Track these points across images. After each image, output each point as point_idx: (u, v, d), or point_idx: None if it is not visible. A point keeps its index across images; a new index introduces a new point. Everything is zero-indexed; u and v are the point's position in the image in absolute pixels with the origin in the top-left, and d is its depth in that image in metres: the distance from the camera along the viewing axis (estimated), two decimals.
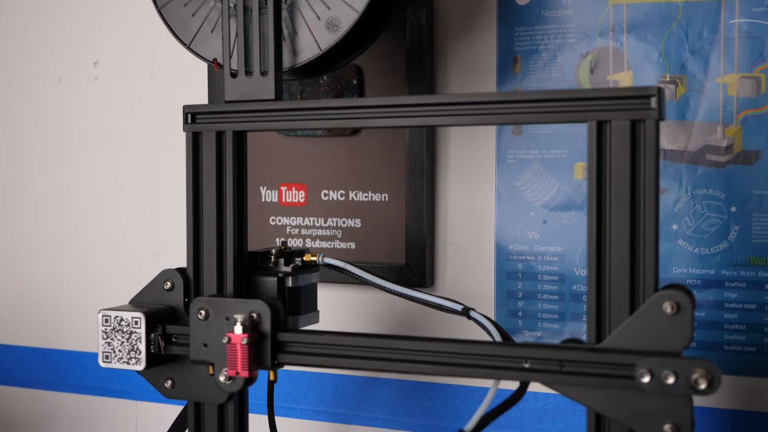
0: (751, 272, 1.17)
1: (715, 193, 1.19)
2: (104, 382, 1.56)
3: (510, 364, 0.89)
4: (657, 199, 0.86)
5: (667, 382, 0.82)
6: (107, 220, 1.56)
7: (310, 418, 1.42)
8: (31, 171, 1.62)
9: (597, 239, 0.88)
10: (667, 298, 0.84)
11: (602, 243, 0.88)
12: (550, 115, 0.90)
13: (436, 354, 0.92)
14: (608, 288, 0.88)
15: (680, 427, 0.84)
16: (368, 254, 1.35)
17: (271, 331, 0.97)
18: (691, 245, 1.20)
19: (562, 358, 0.87)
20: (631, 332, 0.86)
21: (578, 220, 1.25)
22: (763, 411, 1.18)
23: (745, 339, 1.18)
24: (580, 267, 1.25)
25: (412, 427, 1.36)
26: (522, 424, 1.29)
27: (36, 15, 1.60)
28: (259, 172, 1.42)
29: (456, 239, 1.32)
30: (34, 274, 1.62)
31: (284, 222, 1.41)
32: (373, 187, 1.35)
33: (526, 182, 1.28)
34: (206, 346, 1.00)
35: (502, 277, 1.30)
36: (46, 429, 1.62)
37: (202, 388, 1.03)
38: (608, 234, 0.88)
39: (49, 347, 1.61)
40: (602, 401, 0.87)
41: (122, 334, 1.02)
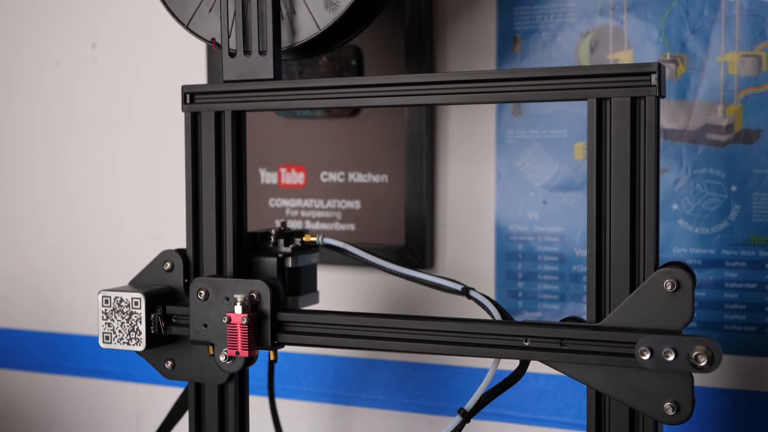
0: (751, 252, 1.17)
1: (715, 172, 1.18)
2: (104, 365, 1.56)
3: (510, 343, 0.89)
4: (657, 177, 0.86)
5: (667, 359, 0.82)
6: (106, 204, 1.56)
7: (310, 400, 1.42)
8: (30, 154, 1.62)
9: (597, 217, 0.88)
10: (667, 276, 0.84)
11: (602, 220, 0.88)
12: (549, 92, 0.90)
13: (437, 333, 0.92)
14: (608, 266, 0.88)
15: (680, 405, 0.84)
16: (368, 235, 1.35)
17: (271, 311, 0.97)
18: (691, 225, 1.20)
19: (562, 336, 0.87)
20: (631, 310, 0.86)
21: (578, 201, 1.25)
22: (763, 390, 1.18)
23: (745, 318, 1.18)
24: (580, 247, 1.25)
25: (413, 408, 1.36)
26: (522, 405, 1.30)
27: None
28: (258, 154, 1.41)
29: (456, 220, 1.32)
30: (34, 258, 1.62)
31: (284, 204, 1.41)
32: (372, 169, 1.35)
33: (525, 162, 1.28)
34: (206, 327, 0.99)
35: (502, 258, 1.29)
36: (47, 412, 1.63)
37: (203, 368, 1.03)
38: (608, 212, 0.88)
39: (49, 331, 1.61)
40: (602, 379, 0.87)
41: (122, 314, 1.02)
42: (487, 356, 0.90)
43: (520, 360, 0.93)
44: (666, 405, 0.84)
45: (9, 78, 1.62)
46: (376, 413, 1.38)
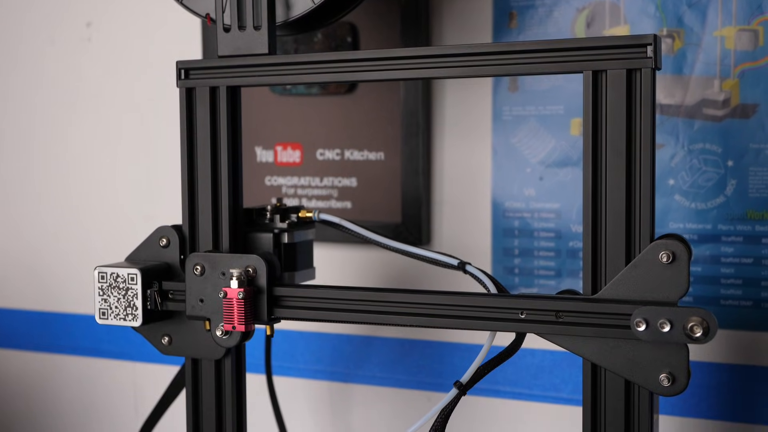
0: (747, 226, 1.17)
1: (711, 147, 1.18)
2: (101, 343, 1.57)
3: (506, 316, 0.89)
4: (653, 148, 0.86)
5: (662, 330, 0.82)
6: (103, 183, 1.55)
7: (308, 377, 1.43)
8: (25, 133, 1.61)
9: (592, 189, 0.88)
10: (663, 248, 0.84)
11: (598, 192, 0.87)
12: (545, 65, 0.89)
13: (433, 306, 0.92)
14: (604, 238, 0.87)
15: (676, 376, 0.84)
16: (364, 213, 1.35)
17: (267, 286, 0.97)
18: (687, 200, 1.20)
19: (558, 309, 0.87)
20: (626, 282, 0.86)
21: (574, 177, 1.24)
22: (759, 365, 1.18)
23: (741, 293, 1.18)
24: (576, 223, 1.25)
25: (410, 384, 1.36)
26: (518, 380, 1.30)
27: None
28: (254, 132, 1.41)
29: (452, 197, 1.32)
30: (30, 237, 1.62)
31: (280, 182, 1.41)
32: (368, 146, 1.35)
33: (522, 139, 1.28)
34: (202, 302, 0.99)
35: (498, 235, 1.29)
36: (44, 391, 1.63)
37: (199, 344, 1.03)
38: (604, 184, 0.88)
39: (46, 310, 1.61)
40: (598, 351, 0.87)
41: (118, 290, 1.02)
42: (483, 329, 0.90)
43: (516, 333, 0.93)
44: (661, 376, 0.84)
45: (3, 56, 1.62)
46: (374, 390, 1.38)
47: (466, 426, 1.33)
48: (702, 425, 1.21)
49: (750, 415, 1.19)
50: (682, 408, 1.21)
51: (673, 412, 1.22)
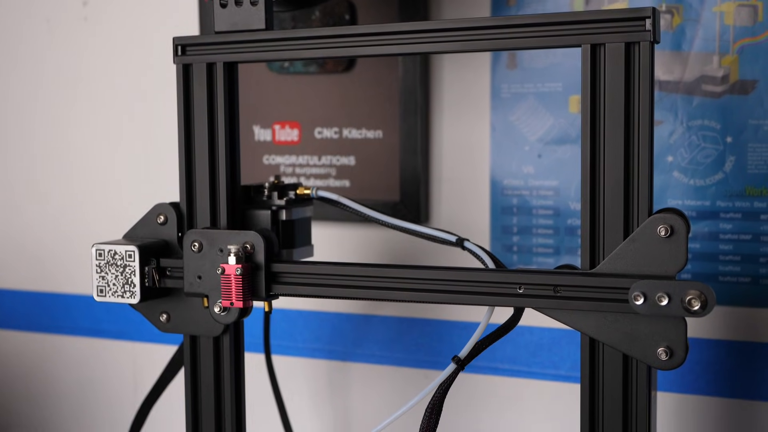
0: (746, 203, 1.17)
1: (710, 123, 1.18)
2: (101, 323, 1.57)
3: (504, 291, 0.89)
4: (652, 122, 0.86)
5: (660, 303, 0.82)
6: (102, 164, 1.55)
7: (307, 356, 1.43)
8: (23, 113, 1.61)
9: (591, 163, 0.87)
10: (661, 222, 0.84)
11: (596, 166, 0.87)
12: (543, 39, 0.89)
13: (431, 282, 0.92)
14: (602, 213, 0.87)
15: (674, 350, 0.84)
16: (362, 191, 1.35)
17: (265, 262, 0.97)
18: (686, 177, 1.19)
19: (556, 283, 0.87)
20: (624, 256, 0.85)
21: (573, 154, 1.24)
22: (757, 341, 1.18)
23: (739, 270, 1.18)
24: (574, 201, 1.25)
25: (409, 363, 1.36)
26: (517, 358, 1.30)
27: None
28: (251, 111, 1.41)
29: (450, 175, 1.32)
30: (29, 219, 1.62)
31: (278, 161, 1.41)
32: (367, 124, 1.35)
33: (520, 116, 1.27)
34: (200, 279, 0.99)
35: (497, 212, 1.29)
36: (43, 371, 1.63)
37: (198, 321, 1.03)
38: (602, 157, 0.87)
39: (45, 291, 1.61)
40: (596, 326, 0.87)
41: (116, 267, 1.02)
42: (482, 304, 0.90)
43: (514, 308, 0.93)
44: (659, 350, 0.84)
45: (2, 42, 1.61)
46: (372, 368, 1.39)
47: (465, 403, 1.33)
48: (700, 402, 1.21)
49: (748, 392, 1.19)
50: (680, 384, 1.22)
51: (671, 388, 1.22)
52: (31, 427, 1.66)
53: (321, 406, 1.43)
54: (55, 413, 1.63)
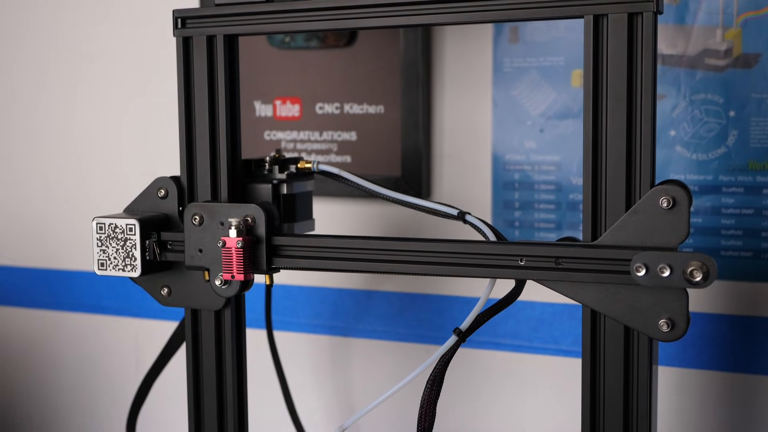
0: (749, 177, 1.17)
1: (713, 97, 1.17)
2: (102, 300, 1.57)
3: (506, 263, 0.89)
4: (654, 93, 0.85)
5: (662, 275, 0.82)
6: (103, 139, 1.55)
7: (308, 332, 1.43)
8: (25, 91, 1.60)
9: (593, 134, 0.87)
10: (663, 193, 0.84)
11: (598, 137, 0.87)
12: (545, 10, 0.88)
13: (432, 254, 0.92)
14: (604, 185, 0.87)
15: (675, 322, 0.84)
16: (364, 167, 1.35)
17: (266, 235, 0.97)
18: (688, 151, 1.19)
19: (558, 255, 0.87)
20: (626, 228, 0.85)
21: (575, 129, 1.24)
22: (759, 315, 1.18)
23: (742, 244, 1.18)
24: (576, 176, 1.25)
25: (410, 338, 1.36)
26: (518, 333, 1.30)
27: None
28: (253, 87, 1.40)
29: (452, 150, 1.31)
30: (31, 196, 1.62)
31: (279, 136, 1.40)
32: (368, 99, 1.34)
33: (523, 91, 1.27)
34: (201, 252, 0.99)
35: (498, 188, 1.29)
36: (45, 348, 1.63)
37: (199, 294, 1.03)
38: (604, 129, 0.87)
39: (46, 267, 1.61)
40: (597, 298, 0.87)
41: (117, 241, 1.02)
42: (483, 276, 0.90)
43: (516, 280, 0.93)
44: (661, 322, 0.84)
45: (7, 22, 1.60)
46: (374, 344, 1.39)
47: (467, 378, 1.33)
48: (702, 376, 1.21)
49: (750, 366, 1.19)
50: (682, 359, 1.22)
51: (673, 363, 1.22)
52: (33, 403, 1.66)
53: (323, 382, 1.43)
54: (57, 390, 1.64)
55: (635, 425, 0.88)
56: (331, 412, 1.43)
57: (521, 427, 1.32)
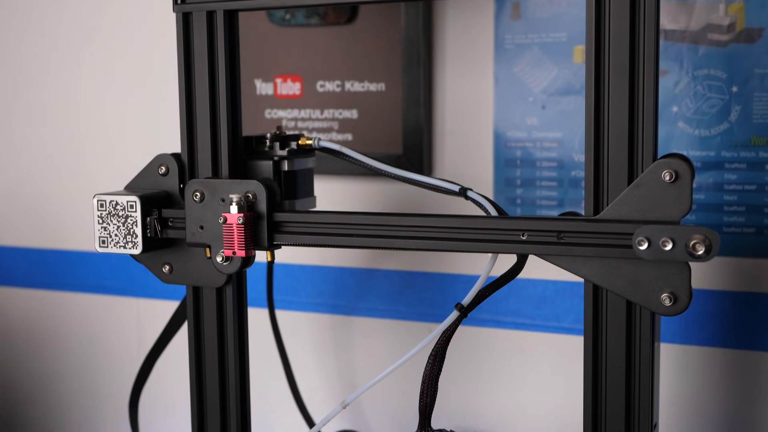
0: (751, 153, 1.16)
1: (716, 73, 1.17)
2: (104, 279, 1.57)
3: (507, 237, 0.88)
4: (657, 67, 0.84)
5: (664, 248, 0.82)
6: (105, 119, 1.54)
7: (310, 311, 1.43)
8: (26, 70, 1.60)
9: (595, 110, 0.86)
10: (666, 167, 0.83)
11: (600, 113, 0.86)
12: None
13: (434, 229, 0.91)
14: (606, 158, 0.86)
15: (677, 296, 0.84)
16: (365, 145, 1.34)
17: (267, 211, 0.97)
18: (691, 127, 1.18)
19: (559, 229, 0.87)
20: (629, 202, 0.85)
21: (577, 105, 1.23)
22: (761, 292, 1.18)
23: (744, 220, 1.17)
24: (579, 152, 1.24)
25: (412, 316, 1.36)
26: (520, 311, 1.30)
27: None
28: (253, 65, 1.39)
29: (454, 127, 1.31)
30: (31, 175, 1.62)
31: (280, 115, 1.40)
32: (369, 77, 1.33)
33: (524, 68, 1.26)
34: (202, 229, 0.99)
35: (500, 165, 1.29)
36: (47, 328, 1.64)
37: (200, 271, 1.03)
38: (606, 105, 0.86)
39: (48, 247, 1.61)
40: (599, 272, 0.86)
41: (118, 218, 1.01)
42: (485, 251, 0.90)
43: (518, 255, 0.92)
44: (663, 296, 0.84)
45: None
46: (376, 322, 1.39)
47: (469, 357, 1.33)
48: (704, 353, 1.21)
49: (752, 342, 1.19)
50: (684, 336, 1.22)
51: (675, 339, 1.22)
52: (34, 383, 1.66)
53: (325, 361, 1.43)
54: (58, 369, 1.64)
55: (637, 402, 0.88)
56: (333, 391, 1.43)
57: (523, 404, 1.32)
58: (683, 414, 1.23)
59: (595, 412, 0.90)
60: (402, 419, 1.38)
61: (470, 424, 1.34)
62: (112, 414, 1.59)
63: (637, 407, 0.88)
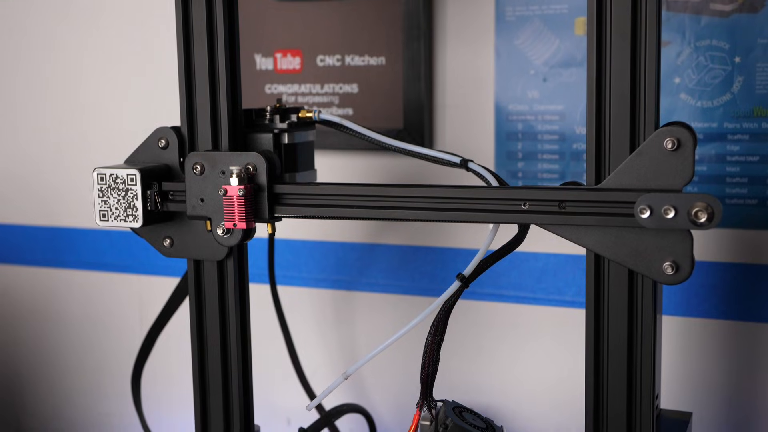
0: (754, 124, 1.16)
1: (719, 43, 1.16)
2: (105, 257, 1.57)
3: (509, 207, 0.88)
4: (659, 31, 0.84)
5: (666, 216, 0.81)
6: (105, 97, 1.54)
7: (312, 286, 1.43)
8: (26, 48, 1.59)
9: (597, 78, 0.86)
10: (668, 135, 0.83)
11: (602, 81, 0.86)
12: None
13: (435, 200, 0.91)
14: (608, 127, 0.86)
15: (679, 264, 0.83)
16: (366, 119, 1.34)
17: (268, 183, 0.96)
18: (693, 98, 1.18)
19: (561, 199, 0.86)
20: (631, 171, 0.84)
21: (579, 77, 1.22)
22: (764, 263, 1.18)
23: (746, 192, 1.17)
24: (580, 125, 1.24)
25: (413, 291, 1.36)
26: (522, 284, 1.30)
27: None
28: (252, 40, 1.39)
29: (454, 101, 1.30)
30: (32, 154, 1.61)
31: (280, 90, 1.39)
32: (369, 51, 1.33)
33: (525, 40, 1.25)
34: (203, 201, 0.99)
35: (501, 138, 1.28)
36: (49, 306, 1.64)
37: (201, 244, 1.03)
38: (608, 73, 0.86)
39: (49, 225, 1.61)
40: (601, 241, 0.86)
41: (118, 191, 1.01)
42: (486, 221, 0.89)
43: (519, 225, 0.92)
44: (665, 265, 0.84)
45: None
46: (377, 297, 1.39)
47: (470, 330, 1.33)
48: (706, 325, 1.21)
49: (755, 314, 1.19)
50: (687, 308, 1.21)
51: (677, 312, 1.22)
52: (36, 360, 1.67)
53: (327, 336, 1.43)
54: (61, 347, 1.64)
55: (639, 373, 0.88)
56: (335, 365, 1.43)
57: (525, 377, 1.32)
58: (686, 385, 1.23)
59: (597, 383, 0.90)
60: (404, 393, 1.39)
61: (471, 398, 1.34)
62: (115, 389, 1.59)
63: (639, 378, 0.88)
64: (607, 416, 0.90)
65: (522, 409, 1.33)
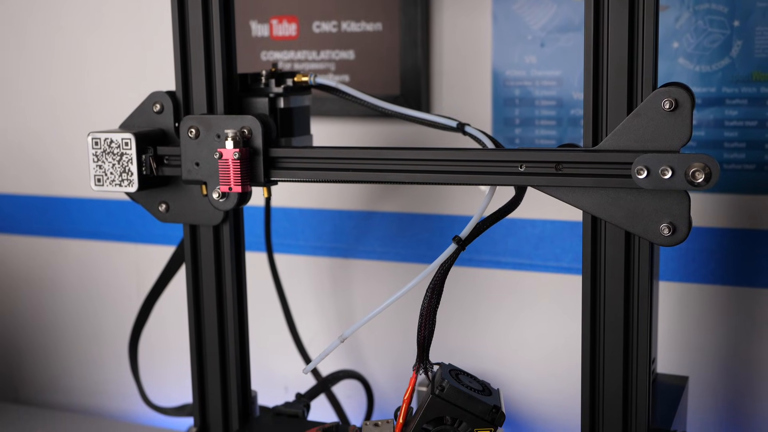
0: (752, 88, 1.15)
1: (717, 7, 1.15)
2: (102, 226, 1.56)
3: (506, 169, 0.88)
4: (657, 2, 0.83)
5: (663, 177, 0.81)
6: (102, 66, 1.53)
7: (309, 254, 1.43)
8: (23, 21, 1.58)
9: (594, 40, 0.85)
10: (666, 95, 0.82)
11: (599, 43, 0.85)
12: None
13: (432, 162, 0.91)
14: (605, 88, 0.85)
15: (677, 226, 0.83)
16: (362, 86, 1.32)
17: (263, 147, 0.96)
18: (692, 63, 1.17)
19: (558, 160, 0.86)
20: (628, 132, 0.84)
21: (577, 42, 1.22)
22: (761, 229, 1.17)
23: (745, 157, 1.17)
24: (578, 91, 1.23)
25: (410, 258, 1.36)
26: (519, 251, 1.30)
27: None
28: (248, 6, 1.38)
29: (451, 67, 1.29)
30: (28, 122, 1.60)
31: (276, 56, 1.38)
32: (366, 17, 1.32)
33: (523, 5, 1.24)
34: (198, 165, 0.98)
35: (498, 104, 1.27)
36: (47, 275, 1.64)
37: (197, 209, 1.02)
38: (606, 36, 0.85)
39: (45, 194, 1.61)
40: (598, 203, 0.86)
41: (113, 156, 1.01)
42: (483, 183, 0.89)
43: (516, 187, 0.91)
44: (662, 226, 0.83)
45: None
46: (374, 264, 1.39)
47: (467, 297, 1.33)
48: (703, 290, 1.21)
49: (751, 280, 1.19)
50: (684, 273, 1.21)
51: (674, 277, 1.22)
52: (32, 331, 1.67)
53: (324, 303, 1.43)
54: (58, 316, 1.64)
55: (636, 337, 0.88)
56: (332, 333, 1.43)
57: (522, 343, 1.32)
58: (682, 350, 1.23)
59: (593, 347, 0.90)
60: (401, 360, 1.39)
61: (469, 364, 1.34)
62: (112, 357, 1.59)
63: (635, 342, 0.88)
64: (604, 381, 0.90)
65: (519, 376, 1.33)
